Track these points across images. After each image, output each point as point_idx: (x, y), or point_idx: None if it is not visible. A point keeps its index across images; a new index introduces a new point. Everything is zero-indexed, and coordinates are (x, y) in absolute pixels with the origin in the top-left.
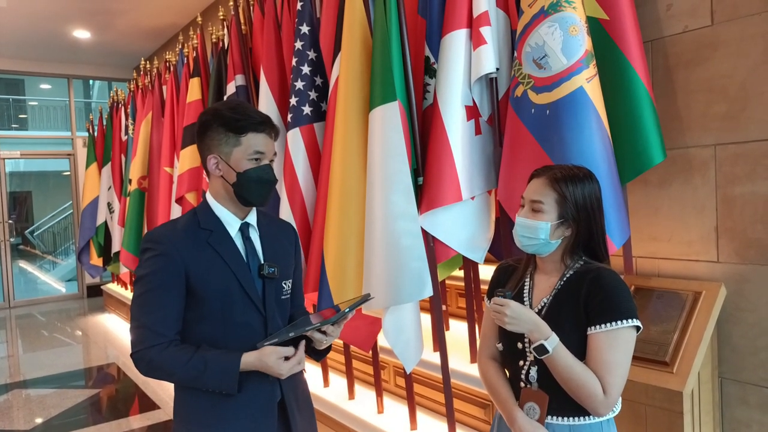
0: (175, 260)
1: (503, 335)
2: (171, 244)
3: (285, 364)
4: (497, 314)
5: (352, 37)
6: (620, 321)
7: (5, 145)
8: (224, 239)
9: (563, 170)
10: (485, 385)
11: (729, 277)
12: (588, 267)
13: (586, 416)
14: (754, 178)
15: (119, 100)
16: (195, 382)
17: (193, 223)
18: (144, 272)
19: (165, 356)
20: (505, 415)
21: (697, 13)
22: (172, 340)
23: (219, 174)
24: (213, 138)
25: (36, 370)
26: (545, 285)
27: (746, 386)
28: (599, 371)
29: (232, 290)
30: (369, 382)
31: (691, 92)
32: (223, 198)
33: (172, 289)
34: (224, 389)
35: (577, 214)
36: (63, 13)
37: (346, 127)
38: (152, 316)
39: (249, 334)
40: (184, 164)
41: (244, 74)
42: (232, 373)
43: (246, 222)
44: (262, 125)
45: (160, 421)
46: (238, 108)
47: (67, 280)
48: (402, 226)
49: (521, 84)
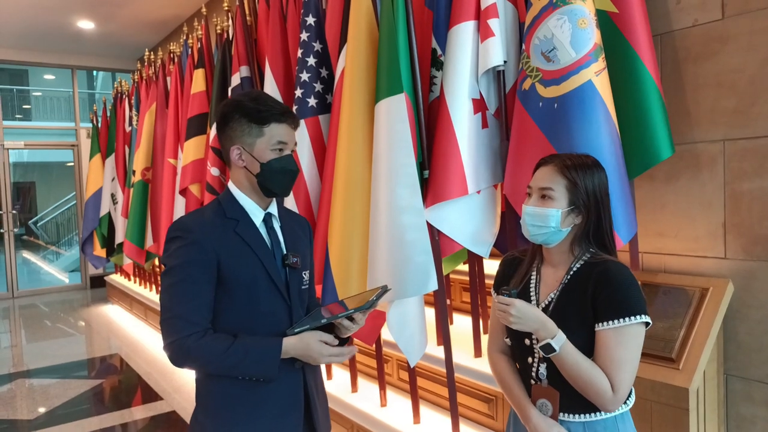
0: (207, 249)
1: (510, 331)
2: (202, 233)
3: (327, 348)
4: (503, 314)
5: (358, 29)
6: (629, 317)
7: (9, 135)
8: (250, 229)
9: (572, 158)
10: (497, 380)
11: (736, 273)
12: (596, 259)
13: (598, 412)
14: (762, 173)
15: (123, 91)
16: (233, 369)
17: (219, 212)
18: (176, 262)
19: (203, 345)
20: (519, 413)
21: (707, 7)
22: (207, 328)
23: (242, 165)
24: (235, 129)
25: (39, 360)
26: (552, 279)
27: (752, 383)
28: (607, 368)
29: (258, 279)
30: (372, 376)
31: (700, 87)
32: (246, 188)
33: (205, 277)
34: (264, 375)
35: (588, 201)
36: (67, 3)
37: (351, 120)
38: (187, 305)
39: (275, 323)
40: (188, 156)
41: (248, 65)
42: (274, 357)
43: (269, 212)
44: (283, 115)
45: (163, 412)
46: (260, 99)
47: (71, 270)
48: (407, 220)
49: (529, 77)
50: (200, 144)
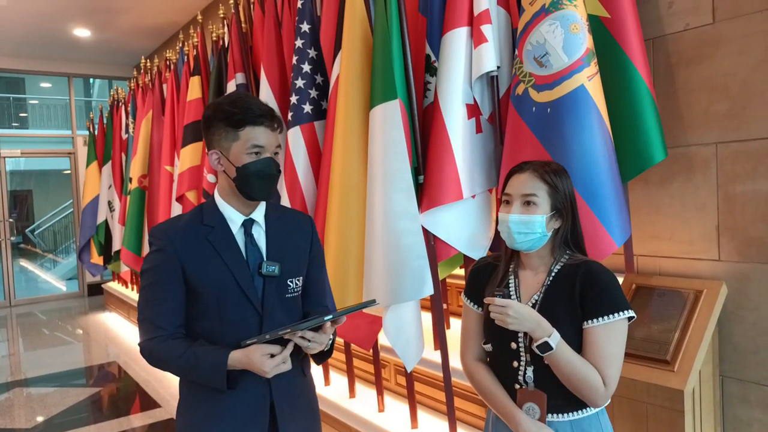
0: (171, 255)
1: (493, 336)
2: (168, 239)
3: (270, 362)
4: (499, 315)
5: (352, 35)
6: (616, 313)
7: (6, 143)
8: (225, 236)
9: (544, 164)
10: (477, 389)
11: (730, 275)
12: (575, 260)
13: (583, 409)
14: (755, 176)
15: (120, 98)
16: (189, 375)
17: (197, 218)
18: (146, 267)
19: (163, 348)
20: (507, 418)
21: (698, 11)
22: (171, 333)
23: (221, 169)
24: (214, 133)
25: (37, 368)
26: (532, 282)
27: (747, 385)
28: (598, 364)
29: (228, 287)
30: (370, 381)
31: (693, 90)
32: (227, 194)
33: (171, 283)
34: (214, 384)
35: (566, 204)
36: (63, 11)
37: (346, 126)
38: (153, 309)
39: (244, 331)
40: (185, 163)
41: (244, 72)
42: (221, 368)
43: (250, 218)
44: (261, 118)
45: (161, 419)
46: (238, 101)
47: (68, 278)
48: (403, 225)
49: (522, 82)
50: (196, 151)
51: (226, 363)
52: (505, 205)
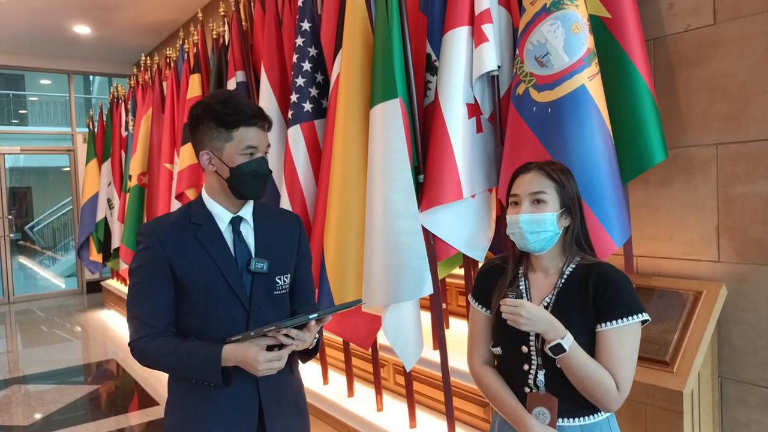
0: (158, 253)
1: (503, 339)
2: (155, 237)
3: (265, 354)
4: (511, 315)
5: (353, 34)
6: (631, 317)
7: (5, 140)
8: (213, 234)
9: (549, 163)
10: (485, 393)
11: (729, 276)
12: (587, 262)
13: (594, 414)
14: (755, 177)
15: (119, 95)
16: (182, 372)
17: (185, 216)
18: (134, 265)
19: (153, 346)
20: (516, 423)
21: (699, 12)
22: (162, 330)
23: (212, 169)
24: (204, 133)
25: (35, 365)
26: (543, 284)
27: (746, 386)
28: (612, 367)
29: (216, 285)
30: (368, 380)
31: (693, 91)
32: (216, 192)
33: (159, 281)
34: (209, 380)
35: (574, 202)
36: (63, 8)
37: (346, 124)
38: (142, 308)
39: (233, 329)
40: (184, 160)
41: (244, 70)
42: (215, 363)
43: (238, 216)
44: (254, 118)
45: (159, 417)
46: (229, 101)
47: (67, 275)
48: (402, 224)
49: (523, 82)
50: None
51: (220, 357)
52: (513, 206)
